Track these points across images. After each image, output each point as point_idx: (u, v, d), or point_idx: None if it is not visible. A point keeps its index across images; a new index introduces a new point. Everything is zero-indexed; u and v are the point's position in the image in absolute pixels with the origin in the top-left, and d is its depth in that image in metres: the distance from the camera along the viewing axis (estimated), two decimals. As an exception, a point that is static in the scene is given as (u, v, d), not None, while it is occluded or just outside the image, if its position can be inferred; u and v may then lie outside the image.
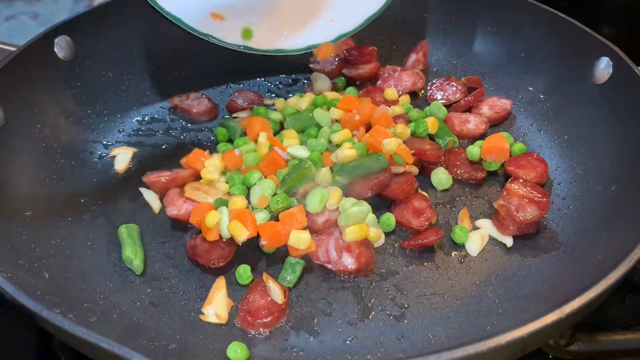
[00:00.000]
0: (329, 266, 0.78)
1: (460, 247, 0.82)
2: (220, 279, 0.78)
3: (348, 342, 0.71)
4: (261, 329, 0.72)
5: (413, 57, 1.14)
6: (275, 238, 0.78)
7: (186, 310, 0.75)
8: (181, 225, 0.85)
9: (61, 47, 0.97)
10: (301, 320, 0.73)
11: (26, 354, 0.78)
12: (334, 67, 1.13)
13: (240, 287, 0.78)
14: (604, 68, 0.91)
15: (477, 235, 0.83)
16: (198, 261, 0.79)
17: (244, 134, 0.98)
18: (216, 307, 0.74)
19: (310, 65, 1.14)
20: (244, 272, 0.77)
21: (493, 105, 1.03)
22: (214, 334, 0.72)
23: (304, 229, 0.80)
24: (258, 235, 0.79)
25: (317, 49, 0.96)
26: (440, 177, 0.90)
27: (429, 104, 1.03)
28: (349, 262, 0.77)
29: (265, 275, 0.76)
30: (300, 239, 0.77)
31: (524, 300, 0.73)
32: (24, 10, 1.46)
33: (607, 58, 0.91)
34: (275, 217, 0.82)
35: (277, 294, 0.73)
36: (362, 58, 1.12)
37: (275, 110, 1.03)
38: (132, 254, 0.79)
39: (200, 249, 0.80)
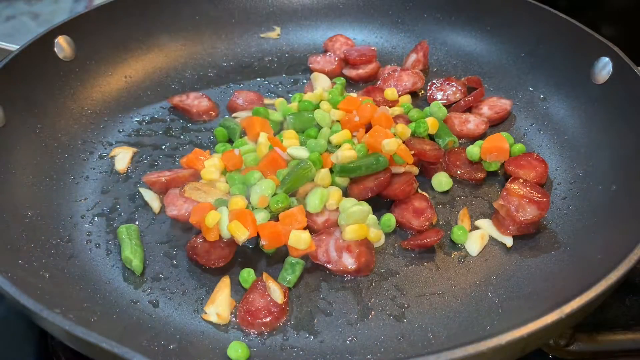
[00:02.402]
0: (329, 266, 0.78)
1: (460, 247, 0.82)
2: (225, 278, 0.77)
3: (348, 342, 0.71)
4: (261, 329, 0.72)
5: (413, 57, 1.14)
6: (275, 238, 0.78)
7: (186, 310, 0.75)
8: (181, 225, 0.85)
9: (61, 47, 0.97)
10: (301, 320, 0.73)
11: (26, 354, 0.78)
12: (334, 67, 1.13)
13: (242, 288, 0.77)
14: (604, 68, 0.91)
15: (477, 235, 0.83)
16: (198, 261, 0.79)
17: (244, 134, 0.98)
18: (218, 306, 0.74)
19: (310, 65, 1.14)
20: (248, 276, 0.77)
21: (493, 105, 1.03)
22: (214, 334, 0.72)
23: (304, 229, 0.80)
24: (258, 236, 0.79)
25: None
26: (441, 180, 0.90)
27: (429, 104, 1.03)
28: (349, 262, 0.77)
29: (265, 275, 0.76)
30: (300, 239, 0.77)
31: (524, 300, 0.73)
32: (24, 10, 1.46)
33: (607, 58, 0.91)
34: (275, 217, 0.82)
35: (277, 294, 0.73)
36: (362, 58, 1.12)
37: (275, 110, 1.03)
38: (132, 254, 0.79)
39: (200, 249, 0.80)
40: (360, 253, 0.78)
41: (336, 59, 1.14)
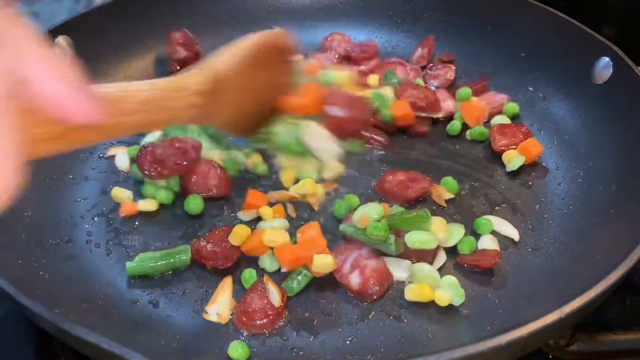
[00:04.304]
0: (336, 274, 0.76)
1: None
2: (227, 278, 0.77)
3: (348, 342, 0.71)
4: (256, 330, 0.71)
5: (419, 51, 1.13)
6: (295, 262, 0.76)
7: (186, 310, 0.75)
8: (181, 226, 0.85)
9: (61, 47, 0.97)
10: (301, 321, 0.73)
11: (26, 354, 0.78)
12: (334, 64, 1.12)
13: (244, 288, 0.77)
14: (604, 68, 0.91)
15: (488, 238, 0.82)
16: (204, 264, 0.79)
17: None
18: (219, 306, 0.74)
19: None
20: (249, 276, 0.77)
21: (491, 100, 1.03)
22: (215, 334, 0.72)
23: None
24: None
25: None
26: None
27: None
28: (355, 281, 0.75)
29: (265, 277, 0.75)
30: (324, 264, 0.74)
31: (524, 300, 0.73)
32: (24, 10, 1.46)
33: (607, 58, 0.91)
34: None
35: (275, 297, 0.73)
36: (365, 55, 1.12)
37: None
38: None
39: (206, 251, 0.79)
40: (369, 279, 0.74)
41: (336, 55, 1.14)
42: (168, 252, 0.79)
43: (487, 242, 0.81)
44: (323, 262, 0.74)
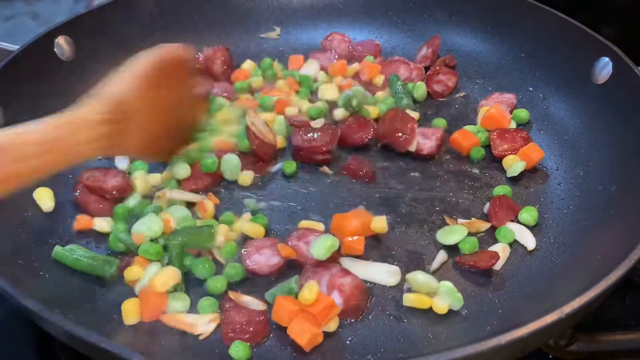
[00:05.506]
0: None
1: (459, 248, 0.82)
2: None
3: (348, 342, 0.71)
4: (248, 341, 0.69)
5: (424, 50, 1.13)
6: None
7: (186, 310, 0.74)
8: (181, 225, 0.85)
9: (61, 47, 0.97)
10: (301, 320, 0.73)
11: (26, 354, 0.78)
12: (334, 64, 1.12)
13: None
14: (604, 68, 0.91)
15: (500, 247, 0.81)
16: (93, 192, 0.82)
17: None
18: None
19: (310, 65, 1.14)
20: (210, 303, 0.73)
21: (499, 101, 1.02)
22: (215, 334, 0.72)
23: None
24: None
25: None
26: None
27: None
28: (337, 302, 0.71)
29: (232, 294, 0.73)
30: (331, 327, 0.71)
31: (524, 300, 0.73)
32: (24, 10, 1.46)
33: (607, 58, 0.91)
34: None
35: (256, 304, 0.72)
36: (366, 54, 1.12)
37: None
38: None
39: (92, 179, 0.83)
40: (352, 295, 0.72)
41: (336, 56, 1.14)
42: (96, 257, 0.76)
43: (499, 249, 0.80)
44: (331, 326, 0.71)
